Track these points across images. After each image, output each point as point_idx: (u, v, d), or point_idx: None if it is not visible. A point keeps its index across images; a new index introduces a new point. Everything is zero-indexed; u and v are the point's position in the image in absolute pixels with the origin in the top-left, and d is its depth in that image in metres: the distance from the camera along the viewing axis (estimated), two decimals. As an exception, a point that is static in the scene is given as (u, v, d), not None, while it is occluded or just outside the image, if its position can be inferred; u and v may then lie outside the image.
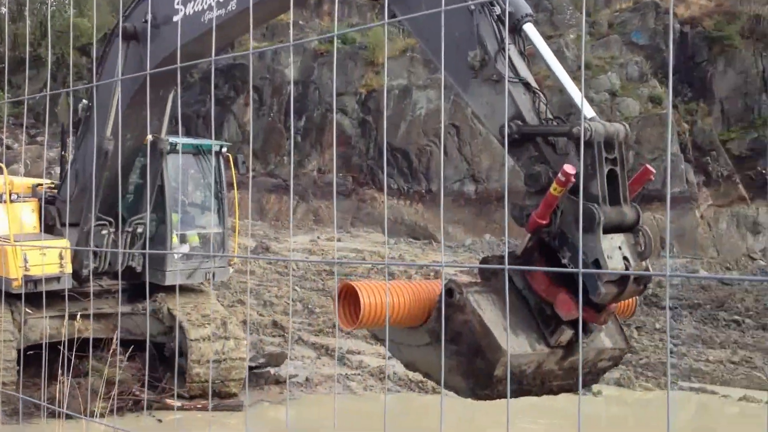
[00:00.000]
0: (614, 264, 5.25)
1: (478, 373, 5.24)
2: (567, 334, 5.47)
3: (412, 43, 30.65)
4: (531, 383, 5.53)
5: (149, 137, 13.73)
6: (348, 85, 29.57)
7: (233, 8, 9.95)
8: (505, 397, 5.28)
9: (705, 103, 34.72)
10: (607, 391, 16.04)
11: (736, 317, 21.01)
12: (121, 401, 13.15)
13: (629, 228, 5.46)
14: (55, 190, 14.76)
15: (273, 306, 20.12)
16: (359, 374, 16.51)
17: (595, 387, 15.19)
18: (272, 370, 15.45)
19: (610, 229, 5.31)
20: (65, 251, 13.87)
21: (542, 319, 5.51)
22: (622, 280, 5.23)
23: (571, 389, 5.79)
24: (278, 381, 15.35)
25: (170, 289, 14.44)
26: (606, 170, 5.41)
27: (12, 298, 13.50)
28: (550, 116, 6.03)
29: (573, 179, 5.16)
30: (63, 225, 13.80)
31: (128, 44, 11.78)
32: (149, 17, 11.05)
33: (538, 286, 5.50)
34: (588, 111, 5.76)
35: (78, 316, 11.98)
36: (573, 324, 5.43)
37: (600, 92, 32.40)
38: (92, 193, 13.39)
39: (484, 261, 6.13)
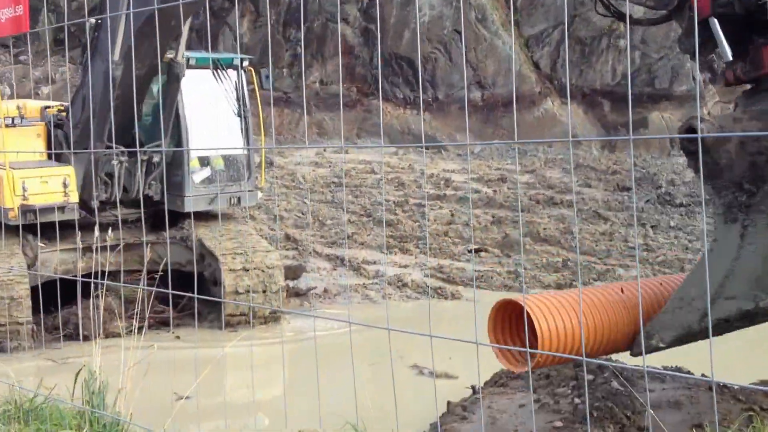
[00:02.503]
0: None
1: None
2: None
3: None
4: None
5: (167, 55, 13.23)
6: (348, -8, 28.81)
7: None
8: None
9: None
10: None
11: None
12: (141, 321, 12.96)
13: None
14: (64, 113, 14.17)
15: (284, 220, 19.96)
16: (376, 283, 16.49)
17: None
18: (290, 283, 15.31)
19: None
20: (70, 179, 13.31)
21: None
22: None
23: None
24: (297, 294, 15.24)
25: (195, 215, 14.07)
26: None
27: (16, 229, 12.66)
28: None
29: None
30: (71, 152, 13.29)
31: None
32: None
33: None
34: None
35: (97, 249, 10.83)
36: None
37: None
38: (99, 120, 12.79)
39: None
